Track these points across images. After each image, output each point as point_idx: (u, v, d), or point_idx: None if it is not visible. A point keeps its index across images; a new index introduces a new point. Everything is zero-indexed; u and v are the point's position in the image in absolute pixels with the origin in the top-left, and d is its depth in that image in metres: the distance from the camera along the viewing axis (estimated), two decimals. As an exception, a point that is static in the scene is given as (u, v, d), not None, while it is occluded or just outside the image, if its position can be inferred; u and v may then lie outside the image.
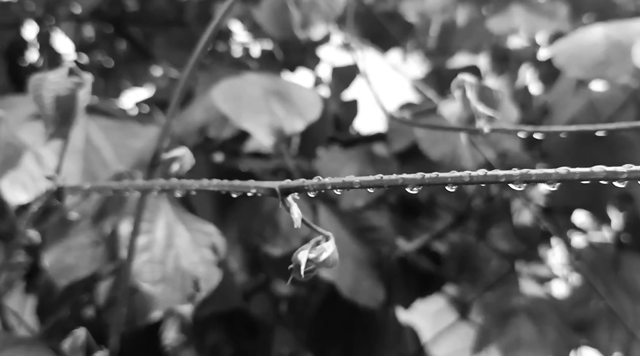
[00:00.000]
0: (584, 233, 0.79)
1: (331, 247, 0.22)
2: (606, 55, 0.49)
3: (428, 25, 0.98)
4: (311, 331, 0.64)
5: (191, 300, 0.41)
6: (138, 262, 0.39)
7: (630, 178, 0.16)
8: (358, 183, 0.19)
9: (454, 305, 0.83)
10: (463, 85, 0.30)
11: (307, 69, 0.94)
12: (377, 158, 0.66)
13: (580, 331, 0.56)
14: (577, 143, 0.61)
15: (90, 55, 0.90)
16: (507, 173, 0.18)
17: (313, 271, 0.22)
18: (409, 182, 0.19)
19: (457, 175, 0.18)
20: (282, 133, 0.48)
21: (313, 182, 0.20)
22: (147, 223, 0.41)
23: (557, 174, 0.17)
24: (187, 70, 0.30)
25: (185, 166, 0.29)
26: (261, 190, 0.21)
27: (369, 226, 0.60)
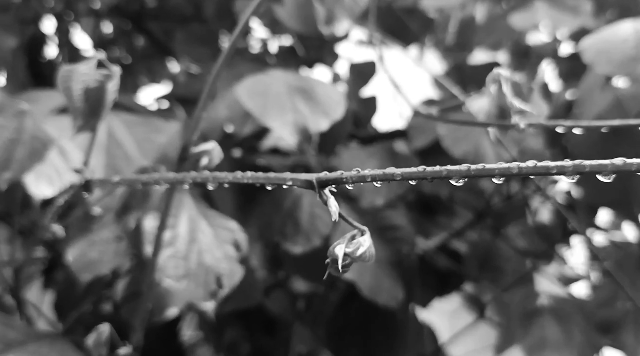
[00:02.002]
0: (606, 232, 0.78)
1: (368, 241, 0.22)
2: (637, 51, 0.48)
3: (447, 21, 0.97)
4: (330, 329, 0.64)
5: (214, 296, 0.41)
6: (162, 257, 0.39)
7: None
8: (400, 175, 0.19)
9: (472, 304, 0.82)
10: (499, 79, 0.29)
11: (325, 65, 0.93)
12: (398, 155, 0.65)
13: (606, 333, 0.55)
14: (601, 141, 0.60)
15: (108, 51, 0.91)
16: (559, 164, 0.17)
17: (349, 267, 0.21)
18: (453, 174, 0.18)
19: (506, 166, 0.18)
20: (306, 132, 0.48)
21: (352, 174, 0.20)
22: (170, 218, 0.41)
23: (613, 165, 0.16)
24: (218, 66, 0.30)
25: (215, 160, 0.29)
26: (298, 182, 0.21)
27: (389, 225, 0.60)
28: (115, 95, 0.29)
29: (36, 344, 0.40)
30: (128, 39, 0.91)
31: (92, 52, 0.89)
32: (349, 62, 0.94)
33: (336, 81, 0.96)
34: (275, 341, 0.67)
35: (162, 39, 0.77)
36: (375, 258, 0.57)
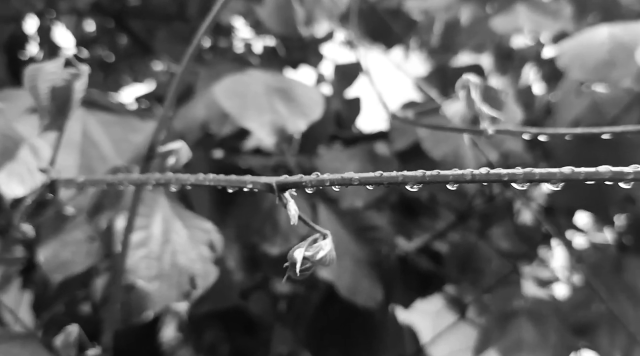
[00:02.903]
0: (585, 234, 0.79)
1: (328, 245, 0.22)
2: (610, 56, 0.49)
3: (432, 23, 0.98)
4: (309, 330, 0.64)
5: (187, 297, 0.41)
6: (134, 258, 0.39)
7: (637, 179, 0.16)
8: (357, 180, 0.19)
9: (453, 305, 0.83)
10: (467, 85, 0.29)
11: (310, 66, 0.93)
12: (378, 157, 0.65)
13: (581, 334, 0.55)
14: (580, 144, 0.61)
15: (91, 49, 0.90)
16: (510, 172, 0.17)
17: (309, 270, 0.21)
18: (409, 180, 0.18)
19: (459, 173, 0.18)
20: (284, 132, 0.47)
21: (311, 177, 0.20)
22: (144, 218, 0.41)
23: (561, 174, 0.16)
24: (185, 62, 0.30)
25: (182, 160, 0.29)
26: (258, 185, 0.21)
27: (368, 225, 0.60)
28: (83, 94, 0.29)
29: (7, 344, 0.39)
30: (111, 37, 0.90)
31: (74, 50, 0.88)
32: (334, 62, 0.94)
33: (320, 82, 0.96)
34: (255, 342, 0.67)
35: (144, 37, 0.77)
36: (354, 258, 0.57)
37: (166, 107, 0.30)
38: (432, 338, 0.77)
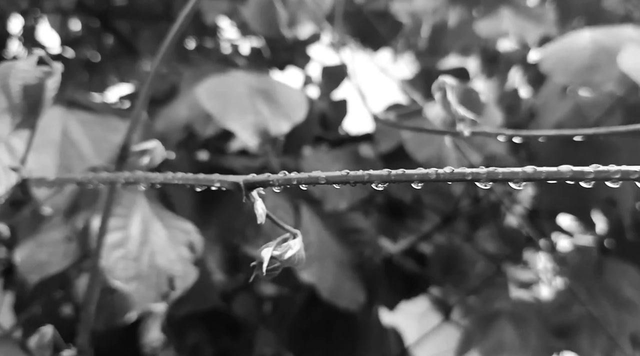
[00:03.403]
0: (570, 236, 0.79)
1: (297, 244, 0.21)
2: (593, 60, 0.49)
3: (419, 25, 0.98)
4: (293, 332, 0.63)
5: (166, 298, 0.41)
6: (111, 259, 0.39)
7: (597, 178, 0.16)
8: (324, 179, 0.19)
9: (438, 306, 0.83)
10: (444, 87, 0.29)
11: (297, 67, 0.93)
12: (363, 159, 0.65)
13: (562, 336, 0.55)
14: (563, 146, 0.61)
15: (76, 49, 0.89)
16: (473, 171, 0.17)
17: (278, 269, 0.21)
18: (374, 179, 0.18)
19: (424, 172, 0.18)
20: (267, 134, 0.47)
21: (278, 176, 0.20)
22: (122, 219, 0.40)
23: (524, 173, 0.17)
24: (158, 59, 0.30)
25: (157, 159, 0.29)
26: (225, 184, 0.20)
27: (352, 228, 0.60)
28: (55, 92, 0.28)
29: (-18, 346, 0.39)
30: (97, 37, 0.90)
31: (59, 49, 0.87)
32: (321, 64, 0.94)
33: (308, 83, 0.96)
34: (238, 344, 0.66)
35: (128, 37, 0.76)
36: (337, 260, 0.57)
37: (139, 106, 0.29)
38: (417, 340, 0.77)
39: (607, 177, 0.16)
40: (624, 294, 0.55)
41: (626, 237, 0.60)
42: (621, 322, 0.53)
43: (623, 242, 0.62)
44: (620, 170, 0.16)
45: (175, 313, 0.52)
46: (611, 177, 0.16)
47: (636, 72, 0.50)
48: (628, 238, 0.61)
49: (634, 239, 0.61)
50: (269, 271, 0.21)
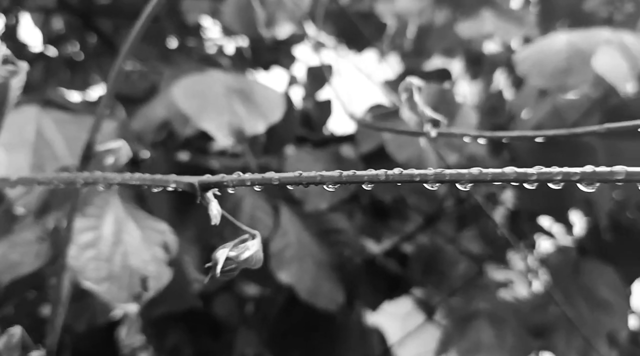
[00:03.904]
0: (552, 237, 0.80)
1: (255, 245, 0.21)
2: (568, 63, 0.50)
3: (405, 27, 0.98)
4: (273, 332, 0.63)
5: (139, 299, 0.40)
6: (82, 259, 0.38)
7: (540, 180, 0.16)
8: (277, 180, 0.19)
9: (422, 307, 0.83)
10: (410, 88, 0.29)
11: (282, 67, 0.93)
12: (344, 159, 0.65)
13: (539, 336, 0.56)
14: (542, 148, 0.62)
15: (59, 47, 0.89)
16: (422, 172, 0.17)
17: (235, 271, 0.21)
18: (326, 180, 0.18)
19: (374, 173, 0.18)
20: (242, 134, 0.47)
21: (232, 177, 0.20)
22: (94, 219, 0.40)
23: (470, 174, 0.17)
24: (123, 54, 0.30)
25: (122, 159, 0.28)
26: (181, 184, 0.20)
27: (332, 228, 0.60)
28: (19, 91, 0.28)
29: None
30: (80, 35, 0.89)
31: (41, 48, 0.86)
32: (306, 64, 0.94)
33: (293, 83, 0.96)
34: (219, 345, 0.66)
35: (110, 36, 0.76)
36: (316, 261, 0.57)
37: (102, 104, 0.29)
38: (400, 340, 0.78)
39: (549, 178, 0.16)
40: (600, 294, 0.55)
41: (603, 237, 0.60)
42: (597, 322, 0.54)
43: (600, 243, 0.63)
44: (561, 171, 0.16)
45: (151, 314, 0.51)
46: (553, 179, 0.16)
47: (611, 74, 0.50)
48: (605, 239, 0.61)
49: (611, 240, 0.62)
50: (226, 273, 0.21)
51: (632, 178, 0.15)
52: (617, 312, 0.55)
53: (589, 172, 0.15)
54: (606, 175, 0.15)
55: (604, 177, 0.15)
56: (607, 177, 0.15)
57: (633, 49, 0.55)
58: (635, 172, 0.15)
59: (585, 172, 0.15)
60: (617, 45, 0.55)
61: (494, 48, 0.97)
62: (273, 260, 0.53)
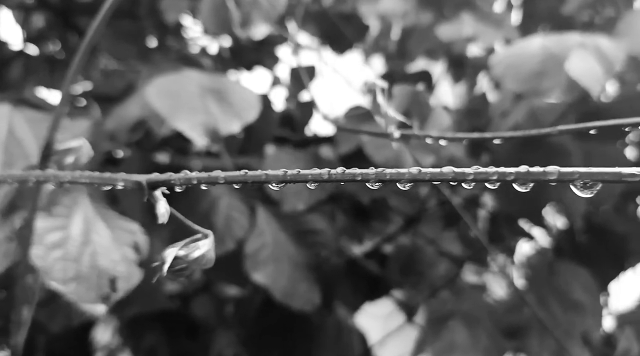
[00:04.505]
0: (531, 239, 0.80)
1: (207, 245, 0.21)
2: (541, 67, 0.50)
3: (389, 28, 0.99)
4: (250, 333, 0.63)
5: (107, 300, 0.40)
6: (49, 259, 0.38)
7: (476, 180, 0.16)
8: (223, 179, 0.19)
9: (401, 308, 0.83)
10: (374, 90, 0.30)
11: (265, 68, 0.93)
12: (323, 160, 0.66)
13: (513, 337, 0.56)
14: (519, 150, 0.62)
15: (40, 45, 0.88)
16: (363, 172, 0.17)
17: (186, 270, 0.21)
18: (271, 179, 0.18)
19: (317, 172, 0.18)
20: (216, 133, 0.47)
21: (180, 176, 0.20)
22: (61, 218, 0.40)
23: (410, 174, 0.17)
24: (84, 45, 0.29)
25: (82, 159, 0.28)
26: (129, 183, 0.20)
27: (309, 229, 0.60)
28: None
29: None
30: (61, 33, 0.88)
31: (21, 46, 0.86)
32: (290, 65, 0.94)
33: (276, 84, 0.96)
34: (196, 346, 0.66)
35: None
36: (292, 261, 0.57)
37: (61, 102, 0.29)
38: (380, 340, 0.78)
39: (485, 178, 0.16)
40: (574, 296, 0.56)
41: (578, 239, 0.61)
42: (570, 323, 0.54)
43: (575, 245, 0.63)
44: (497, 171, 0.16)
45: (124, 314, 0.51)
46: (489, 179, 0.16)
47: (584, 78, 0.51)
48: (580, 240, 0.62)
49: (587, 241, 0.62)
50: (176, 272, 0.21)
51: (563, 178, 0.15)
52: (590, 313, 0.55)
53: (523, 172, 0.15)
54: (539, 175, 0.15)
55: (537, 177, 0.15)
56: (540, 177, 0.15)
57: (608, 53, 0.55)
58: (567, 173, 0.15)
59: (520, 172, 0.16)
60: (592, 49, 0.55)
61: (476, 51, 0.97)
62: (248, 261, 0.53)
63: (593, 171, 0.15)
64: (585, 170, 0.15)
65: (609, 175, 0.14)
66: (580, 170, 0.15)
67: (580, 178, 0.15)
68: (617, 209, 0.72)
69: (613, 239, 0.65)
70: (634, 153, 0.77)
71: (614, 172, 0.14)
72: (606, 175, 0.15)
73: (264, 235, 0.56)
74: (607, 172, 0.14)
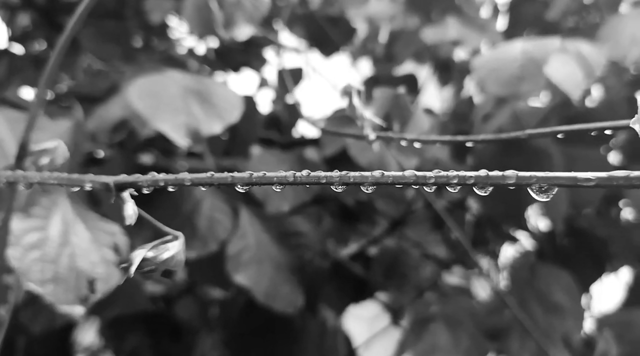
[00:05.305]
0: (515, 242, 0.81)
1: (176, 247, 0.21)
2: (521, 71, 0.51)
3: (377, 31, 0.99)
4: (233, 335, 0.63)
5: (85, 301, 0.40)
6: (26, 261, 0.38)
7: (437, 183, 0.16)
8: (189, 180, 0.19)
9: (387, 310, 0.84)
10: (349, 92, 0.30)
11: (253, 70, 0.93)
12: (307, 162, 0.66)
13: (495, 339, 0.57)
14: (501, 154, 0.63)
15: (25, 45, 0.87)
16: (327, 175, 0.17)
17: (155, 271, 0.21)
18: (237, 181, 0.18)
19: (283, 175, 0.18)
20: (198, 134, 0.47)
21: (147, 177, 0.20)
22: (40, 219, 0.39)
23: (372, 177, 0.17)
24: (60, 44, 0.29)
25: (58, 160, 0.28)
26: (96, 184, 0.20)
27: (293, 231, 0.60)
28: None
29: None
30: (47, 33, 0.88)
31: (5, 45, 0.85)
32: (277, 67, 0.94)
33: (263, 85, 0.96)
34: (179, 348, 0.66)
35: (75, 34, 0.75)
36: (275, 263, 0.57)
37: (36, 101, 0.29)
38: (364, 343, 0.78)
39: (446, 182, 0.16)
40: (554, 298, 0.56)
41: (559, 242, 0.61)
42: (550, 326, 0.55)
43: (557, 247, 0.64)
44: (458, 175, 0.16)
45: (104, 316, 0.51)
46: (450, 182, 0.16)
47: (564, 82, 0.51)
48: (562, 243, 0.62)
49: (568, 244, 0.63)
50: (145, 273, 0.21)
51: (521, 182, 0.15)
52: (570, 316, 0.56)
53: (482, 176, 0.16)
54: (498, 179, 0.16)
55: (496, 181, 0.16)
56: (499, 181, 0.15)
57: (589, 58, 0.56)
58: (525, 177, 0.15)
59: (479, 176, 0.16)
60: (573, 54, 0.56)
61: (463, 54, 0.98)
62: (230, 262, 0.53)
63: (549, 176, 0.15)
64: (542, 174, 0.15)
65: (565, 179, 0.15)
66: (538, 175, 0.15)
67: (537, 183, 0.15)
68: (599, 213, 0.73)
69: (594, 242, 0.65)
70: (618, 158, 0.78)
71: (570, 176, 0.15)
72: (562, 180, 0.15)
73: (247, 237, 0.56)
74: (563, 177, 0.15)
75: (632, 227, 0.71)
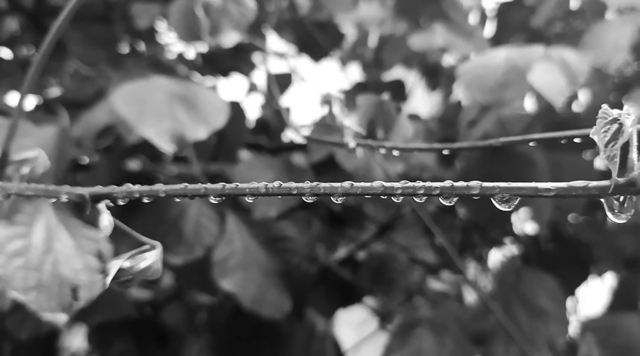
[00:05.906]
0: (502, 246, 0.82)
1: (154, 256, 0.22)
2: (505, 78, 0.51)
3: (366, 37, 1.00)
4: (220, 340, 0.63)
5: (68, 309, 0.40)
6: (9, 268, 0.38)
7: (405, 194, 0.17)
8: (164, 192, 0.19)
9: (375, 315, 0.84)
10: (329, 100, 0.30)
11: (242, 74, 0.93)
12: (295, 167, 0.66)
13: (480, 344, 0.57)
14: (486, 161, 0.63)
15: (14, 49, 0.87)
16: (299, 185, 0.18)
17: (132, 281, 0.21)
18: (210, 192, 0.19)
19: (255, 186, 0.18)
20: (183, 140, 0.47)
21: (122, 189, 0.20)
22: (23, 227, 0.39)
23: (342, 188, 0.17)
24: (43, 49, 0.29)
25: (38, 169, 0.28)
26: (72, 196, 0.20)
27: (280, 236, 0.60)
28: None
29: None
30: (36, 37, 0.87)
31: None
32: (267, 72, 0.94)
33: (252, 90, 0.97)
34: (166, 353, 0.66)
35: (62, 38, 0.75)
36: (262, 268, 0.57)
37: (18, 108, 0.29)
38: (352, 347, 0.78)
39: (413, 192, 0.16)
40: (539, 303, 0.57)
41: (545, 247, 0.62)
42: (534, 330, 0.55)
43: (542, 252, 0.65)
44: (424, 185, 0.16)
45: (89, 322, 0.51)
46: (416, 193, 0.16)
47: (547, 90, 0.52)
48: (547, 248, 0.63)
49: (553, 249, 0.64)
50: (122, 284, 0.21)
51: (485, 193, 0.16)
52: (554, 320, 0.56)
53: (447, 186, 0.16)
54: (463, 189, 0.16)
55: (461, 191, 0.16)
56: (463, 191, 0.16)
57: (573, 65, 0.57)
58: (489, 187, 0.16)
59: (444, 186, 0.16)
60: (557, 61, 0.57)
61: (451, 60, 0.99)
62: (216, 268, 0.53)
63: (512, 186, 0.15)
64: (505, 185, 0.15)
65: (527, 190, 0.15)
66: (501, 185, 0.15)
67: (500, 193, 0.15)
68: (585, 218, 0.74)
69: (579, 247, 0.66)
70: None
71: (531, 187, 0.15)
72: (524, 190, 0.15)
73: (234, 242, 0.56)
74: (525, 187, 0.15)
75: (616, 231, 0.72)
